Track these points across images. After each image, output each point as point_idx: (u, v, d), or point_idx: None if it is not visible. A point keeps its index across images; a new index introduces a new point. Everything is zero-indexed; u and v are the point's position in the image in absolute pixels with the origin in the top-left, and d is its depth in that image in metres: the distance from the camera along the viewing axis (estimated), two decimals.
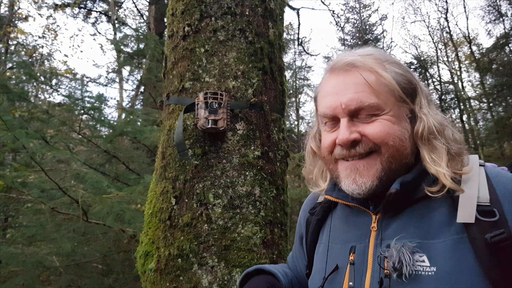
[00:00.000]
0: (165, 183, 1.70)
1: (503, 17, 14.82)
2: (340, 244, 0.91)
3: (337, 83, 0.88)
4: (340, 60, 0.89)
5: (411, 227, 0.81)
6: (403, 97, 0.86)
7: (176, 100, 1.80)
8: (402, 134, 0.84)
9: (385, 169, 0.83)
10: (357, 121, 0.85)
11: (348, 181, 0.85)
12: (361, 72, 0.85)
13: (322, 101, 0.91)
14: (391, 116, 0.84)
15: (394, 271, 0.75)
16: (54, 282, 4.45)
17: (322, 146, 0.92)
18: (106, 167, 5.25)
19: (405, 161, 0.85)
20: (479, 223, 0.73)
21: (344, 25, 20.46)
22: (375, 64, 0.87)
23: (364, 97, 0.84)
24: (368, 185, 0.83)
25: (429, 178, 0.83)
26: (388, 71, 0.86)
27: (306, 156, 1.06)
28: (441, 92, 17.02)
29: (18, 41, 13.24)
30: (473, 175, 0.81)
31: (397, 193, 0.80)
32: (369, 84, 0.84)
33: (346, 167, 0.86)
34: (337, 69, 0.89)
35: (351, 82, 0.86)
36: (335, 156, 0.88)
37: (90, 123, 5.16)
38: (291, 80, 16.85)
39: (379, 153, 0.83)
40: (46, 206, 3.86)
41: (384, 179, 0.83)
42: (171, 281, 1.53)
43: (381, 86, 0.84)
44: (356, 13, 20.94)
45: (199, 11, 1.85)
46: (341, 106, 0.85)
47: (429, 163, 0.82)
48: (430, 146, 0.84)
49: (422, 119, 0.85)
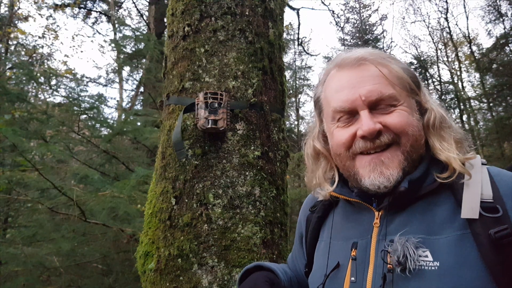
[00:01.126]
0: (165, 183, 1.70)
1: (503, 17, 14.83)
2: (341, 241, 0.91)
3: (350, 77, 0.89)
4: (349, 56, 0.91)
5: (415, 223, 0.81)
6: (414, 88, 0.89)
7: (176, 100, 1.80)
8: (417, 124, 0.87)
9: (407, 159, 0.84)
10: (375, 113, 0.86)
11: (374, 175, 0.84)
12: (375, 65, 0.88)
13: (335, 96, 0.91)
14: (406, 107, 0.87)
15: (398, 266, 0.75)
16: (54, 282, 4.44)
17: (337, 143, 0.91)
18: (106, 167, 5.24)
19: (421, 151, 0.87)
20: (482, 219, 0.74)
21: (344, 25, 20.47)
22: (384, 59, 0.89)
23: (383, 88, 0.85)
24: (395, 176, 0.83)
25: (438, 166, 0.84)
26: (396, 65, 0.89)
27: (307, 160, 1.04)
28: (441, 92, 17.01)
29: (18, 41, 13.24)
30: (476, 173, 0.82)
31: (406, 191, 0.81)
32: (385, 76, 0.86)
33: (369, 161, 0.85)
34: (348, 65, 0.90)
35: (367, 74, 0.87)
36: (354, 151, 0.87)
37: (89, 123, 5.15)
38: (291, 80, 16.84)
39: (399, 144, 0.84)
40: (43, 206, 3.86)
41: (406, 169, 0.84)
42: (171, 281, 1.53)
43: (395, 79, 0.87)
44: (356, 13, 20.94)
45: (199, 11, 1.85)
46: (360, 98, 0.85)
47: (440, 150, 0.85)
48: (441, 135, 0.87)
49: (432, 109, 0.88)
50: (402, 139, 0.84)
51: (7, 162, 6.27)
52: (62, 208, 4.04)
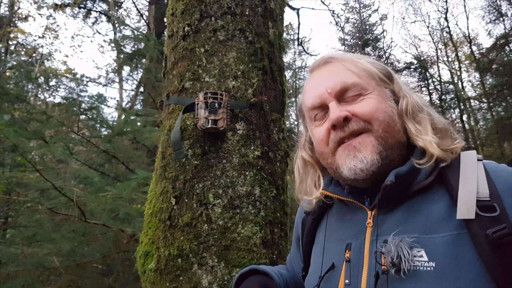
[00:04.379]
0: (165, 183, 1.70)
1: (503, 17, 14.84)
2: (336, 243, 0.90)
3: (319, 75, 0.95)
4: (318, 59, 0.98)
5: (408, 221, 0.79)
6: (383, 78, 0.92)
7: (176, 100, 1.80)
8: (390, 110, 0.88)
9: (382, 144, 0.84)
10: (344, 104, 0.89)
11: (348, 159, 0.84)
12: (340, 61, 0.93)
13: (307, 96, 0.96)
14: (376, 95, 0.89)
15: (392, 267, 0.74)
16: (54, 282, 4.43)
17: (317, 141, 0.93)
18: (106, 167, 5.24)
19: (398, 137, 0.86)
20: (479, 219, 0.72)
21: (344, 25, 20.47)
22: (352, 57, 0.95)
23: (347, 78, 0.89)
24: (369, 159, 0.82)
25: (417, 152, 0.84)
26: (364, 61, 0.94)
27: (296, 171, 1.05)
28: (441, 92, 17.02)
29: (18, 41, 13.23)
30: (471, 168, 0.80)
31: (392, 185, 0.79)
32: (349, 69, 0.91)
33: (343, 149, 0.87)
34: (317, 66, 0.97)
35: (333, 69, 0.93)
36: (332, 146, 0.88)
37: (89, 123, 5.15)
38: (291, 80, 16.82)
39: (372, 131, 0.85)
40: (43, 207, 3.85)
41: (383, 154, 0.83)
42: (171, 281, 1.53)
43: (361, 71, 0.91)
44: (356, 13, 20.95)
45: (199, 11, 1.85)
46: (327, 92, 0.90)
47: (415, 134, 0.85)
48: (415, 120, 0.88)
49: (405, 96, 0.90)
50: (373, 125, 0.85)
51: (7, 162, 6.27)
52: (62, 208, 4.03)
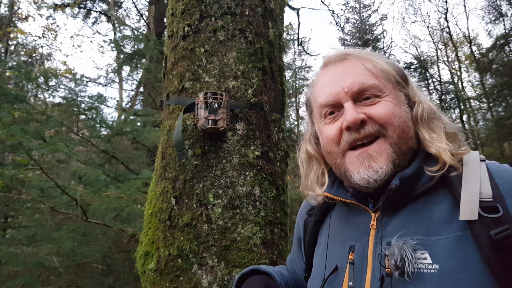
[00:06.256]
0: (165, 183, 1.70)
1: (503, 17, 14.83)
2: (339, 244, 0.90)
3: (335, 72, 0.91)
4: (333, 54, 0.94)
5: (412, 224, 0.79)
6: (400, 81, 0.90)
7: (176, 100, 1.80)
8: (404, 115, 0.86)
9: (396, 151, 0.83)
10: (360, 105, 0.86)
11: (362, 169, 0.83)
12: (358, 59, 0.89)
13: (321, 92, 0.92)
14: (392, 98, 0.87)
15: (396, 270, 0.74)
16: (54, 282, 4.44)
17: (326, 139, 0.91)
18: (106, 167, 5.24)
19: (411, 143, 0.85)
20: (482, 220, 0.71)
21: (344, 25, 20.46)
22: (370, 55, 0.91)
23: (365, 79, 0.86)
24: (384, 169, 0.81)
25: (430, 160, 0.83)
26: (381, 61, 0.91)
27: (300, 165, 1.03)
28: (441, 92, 17.02)
29: (18, 41, 13.23)
30: (474, 169, 0.79)
31: (397, 188, 0.79)
32: (368, 69, 0.87)
33: (357, 156, 0.84)
34: (332, 61, 0.93)
35: (350, 68, 0.89)
36: (343, 146, 0.87)
37: (90, 123, 5.14)
38: (291, 80, 16.82)
39: (386, 136, 0.83)
40: (45, 206, 3.85)
41: (396, 162, 0.83)
42: (171, 281, 1.53)
43: (379, 71, 0.88)
44: (356, 13, 20.94)
45: (199, 11, 1.85)
46: (343, 91, 0.86)
47: (430, 141, 0.84)
48: (430, 127, 0.86)
49: (420, 102, 0.88)
50: (388, 130, 0.83)
51: (7, 162, 6.27)
52: (62, 207, 4.03)
